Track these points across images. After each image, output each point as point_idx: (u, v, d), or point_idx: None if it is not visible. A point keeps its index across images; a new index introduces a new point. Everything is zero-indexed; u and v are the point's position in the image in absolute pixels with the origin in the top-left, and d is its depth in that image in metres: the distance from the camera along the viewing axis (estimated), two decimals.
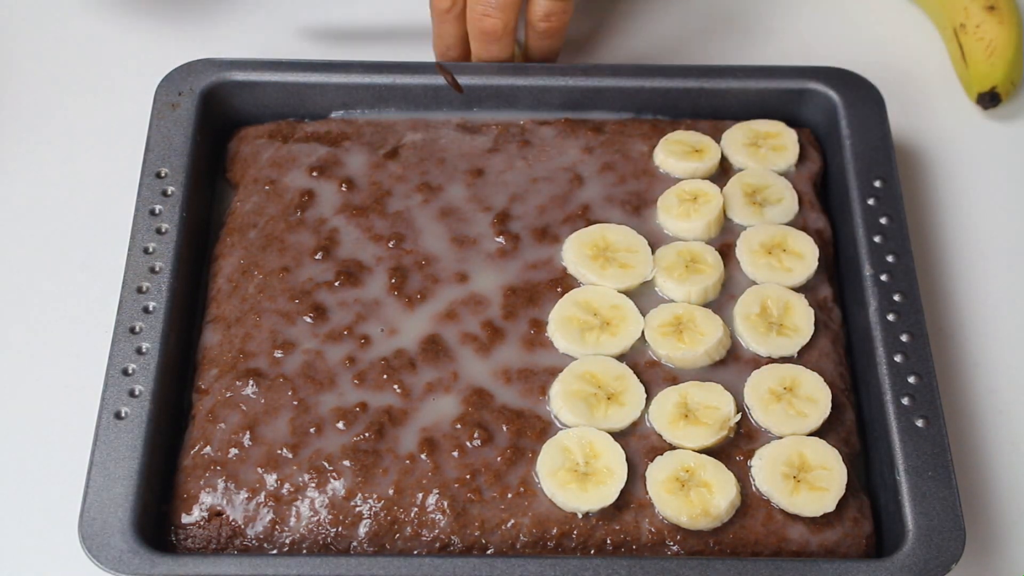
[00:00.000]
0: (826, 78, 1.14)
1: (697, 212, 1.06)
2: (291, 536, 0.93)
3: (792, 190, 1.09)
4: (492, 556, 0.91)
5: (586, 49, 1.25)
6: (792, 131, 1.12)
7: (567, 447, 0.94)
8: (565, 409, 0.96)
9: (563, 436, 0.95)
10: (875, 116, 1.12)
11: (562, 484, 0.93)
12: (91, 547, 0.90)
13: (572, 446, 0.94)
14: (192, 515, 0.94)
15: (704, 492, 0.93)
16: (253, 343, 1.00)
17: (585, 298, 1.02)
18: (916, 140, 1.21)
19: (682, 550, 0.92)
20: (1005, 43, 1.20)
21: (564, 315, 1.01)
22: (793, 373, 0.99)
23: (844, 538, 0.93)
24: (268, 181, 1.10)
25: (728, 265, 1.05)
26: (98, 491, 0.92)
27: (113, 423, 0.95)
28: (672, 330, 1.01)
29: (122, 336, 0.99)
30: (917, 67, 1.26)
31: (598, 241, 1.05)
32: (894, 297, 1.02)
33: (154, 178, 1.07)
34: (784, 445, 0.95)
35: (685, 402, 0.97)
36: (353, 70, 1.14)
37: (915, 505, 0.93)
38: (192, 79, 1.11)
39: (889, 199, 1.07)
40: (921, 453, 0.95)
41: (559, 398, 0.97)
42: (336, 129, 1.13)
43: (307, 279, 1.04)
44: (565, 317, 1.01)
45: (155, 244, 1.04)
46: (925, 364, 0.99)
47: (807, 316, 1.02)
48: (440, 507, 0.93)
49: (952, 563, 0.90)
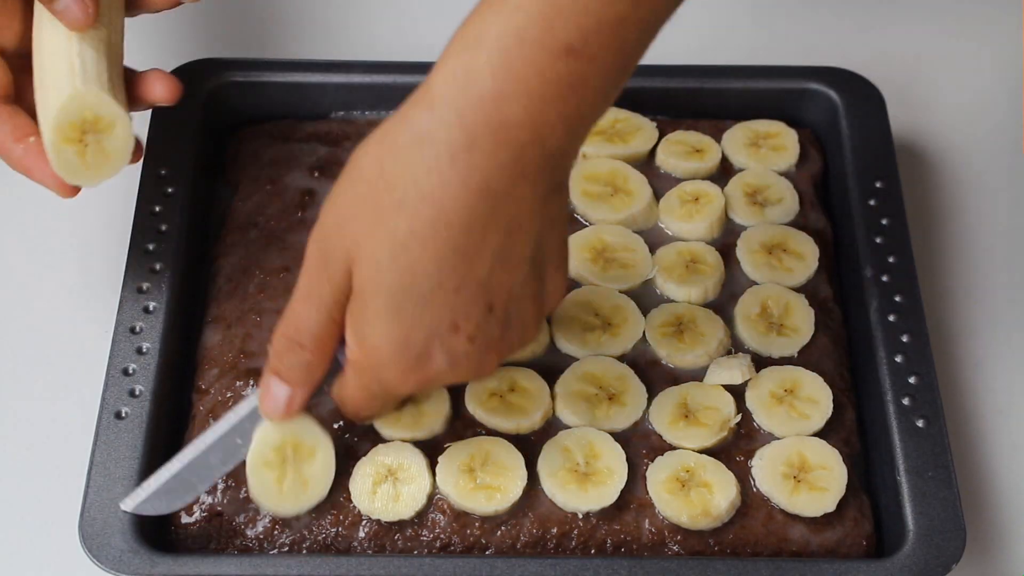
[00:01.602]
0: (826, 78, 1.14)
1: (699, 213, 1.06)
2: (291, 536, 0.93)
3: (792, 190, 1.09)
4: (492, 556, 0.91)
5: None
6: (792, 131, 1.12)
7: (567, 447, 0.94)
8: (566, 410, 0.96)
9: (563, 436, 0.95)
10: (875, 116, 1.12)
11: (562, 484, 0.93)
12: (91, 547, 0.90)
13: (572, 446, 0.94)
14: (192, 515, 0.93)
15: (704, 492, 0.93)
16: (253, 343, 1.00)
17: (586, 298, 1.02)
18: (916, 140, 1.21)
19: (682, 550, 0.92)
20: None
21: (565, 315, 1.01)
22: (794, 375, 0.98)
23: (844, 538, 0.93)
24: (268, 181, 1.10)
25: (728, 265, 1.05)
26: (98, 491, 0.92)
27: (113, 423, 0.95)
28: (673, 330, 1.01)
29: (122, 336, 0.99)
30: (917, 67, 1.26)
31: (595, 243, 1.05)
32: (894, 297, 1.02)
33: (154, 178, 1.07)
34: (784, 445, 0.95)
35: (685, 403, 0.97)
36: (353, 70, 1.14)
37: (915, 505, 0.93)
38: (192, 79, 1.11)
39: (889, 199, 1.07)
40: (921, 453, 0.95)
41: (560, 399, 0.97)
42: (336, 129, 1.13)
43: None
44: (566, 317, 1.01)
45: (155, 244, 1.04)
46: (925, 364, 0.99)
47: (807, 316, 1.02)
48: (440, 507, 0.93)
49: (952, 563, 0.90)
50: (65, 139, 0.87)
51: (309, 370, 0.84)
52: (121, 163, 0.90)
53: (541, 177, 0.75)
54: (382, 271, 0.77)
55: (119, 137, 0.88)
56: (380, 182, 0.75)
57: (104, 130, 0.88)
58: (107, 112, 0.88)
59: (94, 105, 0.87)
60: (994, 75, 1.26)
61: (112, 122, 0.88)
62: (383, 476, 0.93)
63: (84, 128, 0.88)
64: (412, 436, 0.95)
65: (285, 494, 0.91)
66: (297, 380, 0.85)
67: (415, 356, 0.80)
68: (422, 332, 0.78)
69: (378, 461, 0.93)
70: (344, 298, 0.80)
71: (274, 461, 0.90)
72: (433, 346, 0.79)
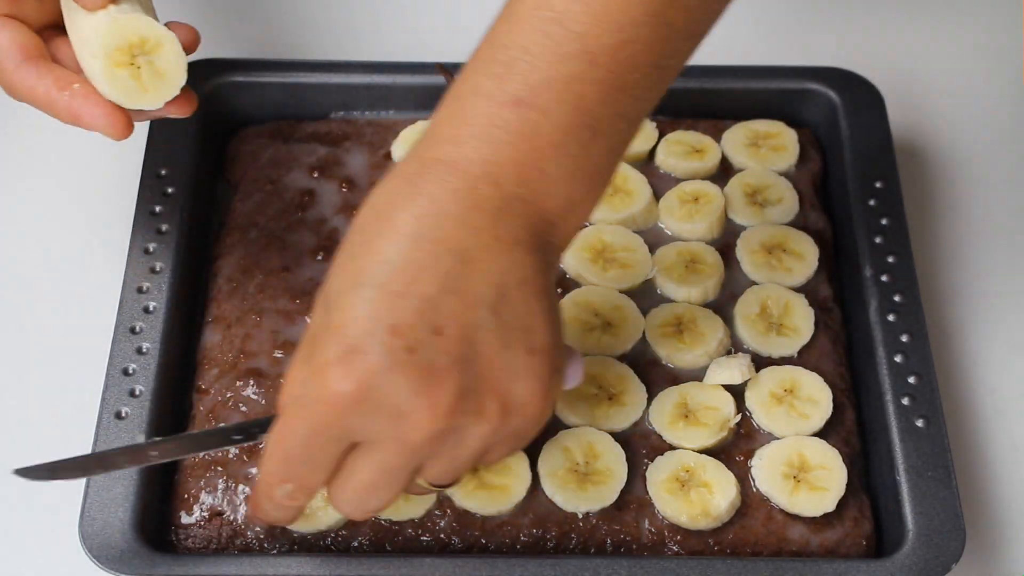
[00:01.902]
0: (826, 78, 1.14)
1: (699, 213, 1.06)
2: (291, 536, 0.93)
3: (792, 190, 1.09)
4: (492, 556, 0.91)
5: None
6: (792, 131, 1.12)
7: (567, 447, 0.94)
8: (566, 410, 0.96)
9: (563, 436, 0.95)
10: (875, 116, 1.12)
11: (562, 484, 0.93)
12: (91, 547, 0.90)
13: (572, 446, 0.94)
14: (192, 515, 0.94)
15: (704, 492, 0.93)
16: (253, 343, 1.00)
17: (586, 298, 1.02)
18: (916, 140, 1.21)
19: (682, 550, 0.92)
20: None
21: (565, 316, 1.01)
22: (794, 375, 0.99)
23: (844, 538, 0.93)
24: (268, 181, 1.10)
25: (728, 265, 1.05)
26: (98, 491, 0.92)
27: (113, 423, 0.95)
28: (673, 330, 1.01)
29: (122, 336, 0.99)
30: (917, 67, 1.26)
31: (595, 243, 1.05)
32: (894, 297, 1.02)
33: (154, 178, 1.07)
34: (784, 445, 0.95)
35: (685, 402, 0.97)
36: (353, 70, 1.14)
37: (915, 505, 0.93)
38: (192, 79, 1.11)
39: (889, 199, 1.07)
40: (921, 453, 0.95)
41: (561, 399, 0.97)
42: (336, 129, 1.13)
43: (308, 279, 1.04)
44: (567, 318, 1.01)
45: (155, 244, 1.04)
46: (925, 364, 0.99)
47: (807, 316, 1.02)
48: (440, 507, 0.93)
49: (952, 563, 0.90)
50: (116, 63, 0.87)
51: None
52: (178, 81, 0.89)
53: (502, 219, 0.75)
54: (331, 278, 0.77)
55: (170, 55, 0.88)
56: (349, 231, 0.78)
57: (152, 51, 0.88)
58: (151, 33, 0.87)
59: (137, 28, 0.87)
60: (994, 75, 1.26)
61: (159, 42, 0.88)
62: None
63: (132, 52, 0.87)
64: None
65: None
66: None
67: (348, 346, 0.73)
68: (360, 324, 0.73)
69: None
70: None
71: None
72: (370, 340, 0.73)
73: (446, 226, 0.74)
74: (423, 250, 0.74)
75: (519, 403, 0.76)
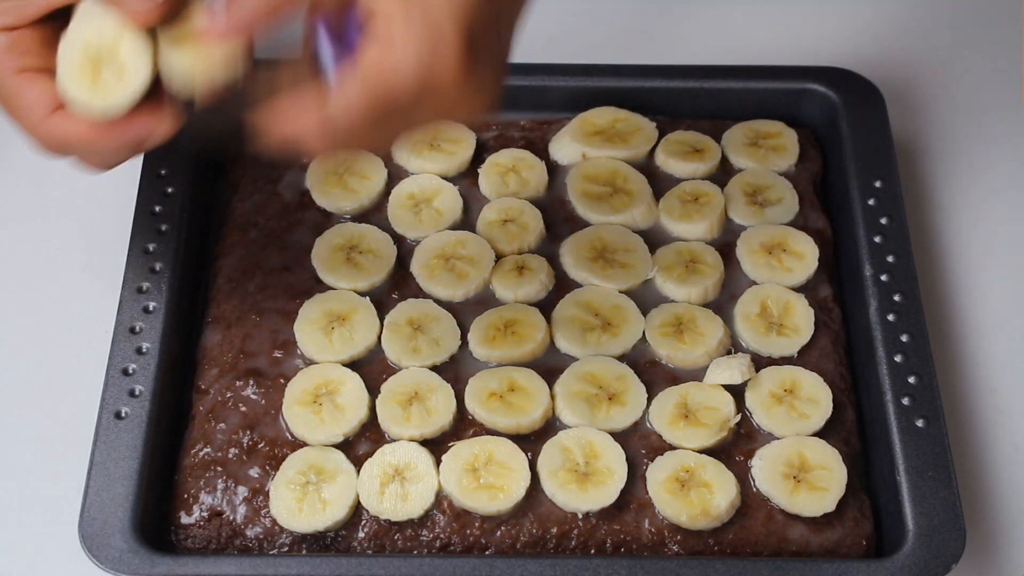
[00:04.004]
0: (826, 78, 1.14)
1: (699, 213, 1.06)
2: (291, 536, 0.93)
3: (792, 190, 1.09)
4: (492, 556, 0.91)
5: (586, 49, 1.25)
6: (792, 131, 1.12)
7: (567, 447, 0.94)
8: (567, 410, 0.96)
9: (563, 436, 0.95)
10: (875, 116, 1.12)
11: (562, 484, 0.93)
12: (91, 547, 0.90)
13: (572, 446, 0.94)
14: (192, 515, 0.94)
15: (704, 492, 0.93)
16: (253, 343, 1.00)
17: (586, 298, 1.02)
18: (916, 140, 1.21)
19: (682, 550, 0.92)
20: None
21: (565, 315, 1.01)
22: (794, 375, 0.99)
23: (844, 538, 0.93)
24: (268, 181, 1.10)
25: (728, 265, 1.05)
26: (98, 491, 0.92)
27: (113, 423, 0.95)
28: (673, 330, 1.01)
29: (122, 336, 0.99)
30: (917, 67, 1.26)
31: (595, 243, 1.05)
32: (894, 297, 1.02)
33: (154, 178, 1.07)
34: (784, 445, 0.95)
35: (685, 403, 0.97)
36: None
37: (915, 505, 0.93)
38: None
39: (889, 199, 1.07)
40: (921, 453, 0.95)
41: (560, 399, 0.97)
42: None
43: (307, 279, 1.04)
44: (566, 317, 1.01)
45: (155, 244, 1.04)
46: (925, 364, 0.99)
47: (807, 316, 1.02)
48: (440, 507, 0.93)
49: (952, 563, 0.90)
50: (83, 75, 0.84)
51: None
52: (143, 73, 0.84)
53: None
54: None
55: (127, 52, 0.84)
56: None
57: (110, 55, 0.84)
58: (104, 39, 0.84)
59: (87, 38, 0.84)
60: (994, 75, 1.26)
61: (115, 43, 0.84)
62: (390, 476, 0.93)
63: (95, 61, 0.84)
64: (421, 434, 0.95)
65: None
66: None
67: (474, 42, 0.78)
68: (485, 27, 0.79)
69: (385, 461, 0.93)
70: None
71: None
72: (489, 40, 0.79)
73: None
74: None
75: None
